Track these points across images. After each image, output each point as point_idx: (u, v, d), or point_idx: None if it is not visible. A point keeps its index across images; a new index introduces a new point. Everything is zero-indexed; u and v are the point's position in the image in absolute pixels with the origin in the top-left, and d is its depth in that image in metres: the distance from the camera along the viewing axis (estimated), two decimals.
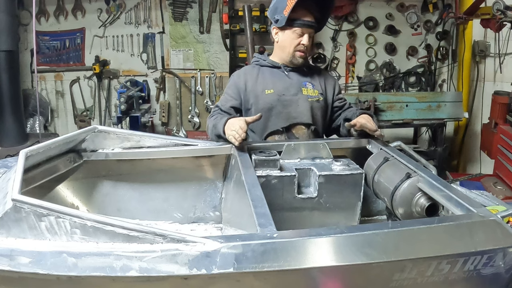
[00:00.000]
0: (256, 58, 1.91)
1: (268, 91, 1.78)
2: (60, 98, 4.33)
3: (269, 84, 1.80)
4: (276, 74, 1.83)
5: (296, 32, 1.74)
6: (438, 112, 3.52)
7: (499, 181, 3.03)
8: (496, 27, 3.01)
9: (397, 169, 1.42)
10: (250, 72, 1.86)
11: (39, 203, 0.99)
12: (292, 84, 1.81)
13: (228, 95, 1.84)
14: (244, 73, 1.86)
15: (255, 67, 1.87)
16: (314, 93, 1.82)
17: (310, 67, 1.91)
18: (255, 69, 1.86)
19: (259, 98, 1.79)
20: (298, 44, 1.75)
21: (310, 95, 1.81)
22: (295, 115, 1.79)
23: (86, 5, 4.10)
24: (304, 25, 1.73)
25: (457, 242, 1.00)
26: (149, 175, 1.66)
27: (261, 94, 1.79)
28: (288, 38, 1.77)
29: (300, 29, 1.74)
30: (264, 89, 1.79)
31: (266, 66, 1.85)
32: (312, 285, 0.98)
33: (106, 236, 0.97)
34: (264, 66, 1.86)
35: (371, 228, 1.03)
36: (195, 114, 4.31)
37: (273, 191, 1.40)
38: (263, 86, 1.80)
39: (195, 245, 0.95)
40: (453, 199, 1.16)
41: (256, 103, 1.79)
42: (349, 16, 4.09)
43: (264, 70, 1.84)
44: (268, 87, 1.79)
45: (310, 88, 1.82)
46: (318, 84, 1.85)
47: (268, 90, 1.78)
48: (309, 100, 1.80)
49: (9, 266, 0.93)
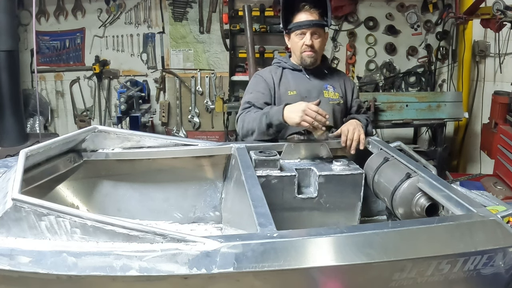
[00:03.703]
0: (277, 60, 1.91)
1: (291, 92, 1.79)
2: (60, 98, 4.34)
3: (292, 85, 1.80)
4: (297, 76, 1.83)
5: (297, 34, 1.76)
6: (438, 112, 3.52)
7: (499, 181, 3.03)
8: (496, 27, 3.01)
9: (397, 169, 1.42)
10: (274, 71, 1.86)
11: (39, 203, 0.99)
12: (314, 86, 1.81)
13: (259, 92, 1.80)
14: (270, 72, 1.86)
15: (278, 68, 1.87)
16: (335, 96, 1.82)
17: (331, 69, 1.92)
18: (279, 70, 1.86)
19: (282, 99, 1.78)
20: (302, 45, 1.76)
21: (331, 98, 1.81)
22: None
23: (86, 5, 4.11)
24: (302, 26, 1.74)
25: (457, 242, 1.00)
26: (149, 175, 1.66)
27: (284, 95, 1.79)
28: (293, 42, 1.80)
29: (299, 31, 1.75)
30: (287, 90, 1.79)
31: (287, 68, 1.85)
32: (312, 284, 0.98)
33: (106, 235, 0.97)
34: (285, 68, 1.86)
35: (371, 228, 1.03)
36: (195, 114, 4.31)
37: (273, 191, 1.40)
38: (286, 87, 1.80)
39: (195, 245, 0.95)
40: (453, 199, 1.16)
41: (279, 104, 1.78)
42: (349, 16, 4.09)
43: (286, 72, 1.85)
44: (291, 88, 1.80)
45: (331, 91, 1.82)
46: (338, 87, 1.86)
47: (291, 91, 1.79)
48: (330, 103, 1.80)
49: (9, 265, 0.93)
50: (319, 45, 1.78)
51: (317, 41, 1.76)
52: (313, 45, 1.75)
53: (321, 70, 1.85)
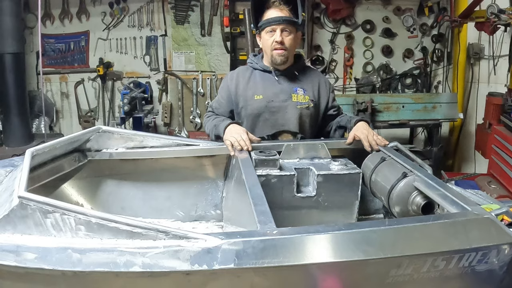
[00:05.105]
0: (250, 60, 1.87)
1: (257, 97, 1.75)
2: (65, 99, 4.37)
3: (259, 89, 1.76)
4: (267, 78, 1.78)
5: (268, 32, 1.70)
6: (433, 113, 3.54)
7: (493, 180, 3.03)
8: (490, 30, 3.03)
9: (393, 168, 1.43)
10: (243, 74, 1.82)
11: (45, 200, 1.00)
12: (283, 90, 1.75)
13: (221, 98, 1.84)
14: (237, 75, 1.83)
15: (249, 69, 1.84)
16: (304, 100, 1.75)
17: (304, 70, 1.84)
18: (248, 71, 1.82)
19: (248, 103, 1.76)
20: (272, 43, 1.69)
21: (299, 102, 1.75)
22: (282, 122, 1.75)
23: (90, 9, 4.14)
24: (272, 22, 1.67)
25: (452, 239, 1.01)
26: (152, 174, 1.68)
27: (251, 99, 1.76)
28: (264, 40, 1.74)
29: (269, 28, 1.68)
30: (254, 94, 1.76)
31: (258, 69, 1.81)
32: (310, 280, 0.99)
33: (110, 232, 0.98)
34: (256, 69, 1.82)
35: (368, 225, 1.04)
36: (197, 114, 4.34)
37: (273, 190, 1.41)
38: (253, 91, 1.77)
39: (197, 242, 0.96)
40: (448, 197, 1.17)
41: (245, 108, 1.78)
42: (347, 19, 4.13)
43: (256, 74, 1.80)
44: (258, 92, 1.76)
45: (300, 94, 1.75)
46: (310, 89, 1.79)
47: (258, 95, 1.75)
48: (298, 108, 1.75)
49: (15, 261, 0.94)
50: (290, 42, 1.69)
51: (288, 38, 1.68)
52: (283, 42, 1.68)
53: (292, 72, 1.78)
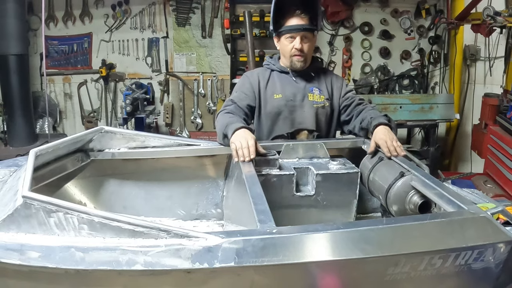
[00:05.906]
0: (267, 62, 1.92)
1: (276, 96, 1.80)
2: (68, 100, 4.41)
3: (278, 88, 1.81)
4: (284, 79, 1.84)
5: (287, 38, 1.76)
6: (430, 113, 3.56)
7: (489, 179, 3.06)
8: (486, 32, 3.05)
9: (391, 168, 1.44)
10: (262, 74, 1.87)
11: (48, 200, 1.01)
12: (299, 89, 1.81)
13: (243, 92, 1.82)
14: (258, 74, 1.87)
15: (267, 70, 1.88)
16: (320, 99, 1.81)
17: (318, 71, 1.90)
18: (267, 72, 1.87)
19: (267, 102, 1.80)
20: (292, 49, 1.76)
21: (315, 101, 1.80)
22: (300, 120, 1.80)
23: (93, 11, 4.18)
24: (292, 30, 1.73)
25: (448, 238, 1.02)
26: (153, 173, 1.69)
27: (270, 98, 1.81)
28: (283, 45, 1.80)
29: (289, 34, 1.75)
30: (273, 93, 1.81)
31: (275, 70, 1.86)
32: (309, 278, 1.00)
33: (112, 231, 0.99)
34: (274, 70, 1.87)
35: (366, 224, 1.05)
36: (198, 115, 4.37)
37: (273, 189, 1.42)
38: (272, 90, 1.81)
39: (198, 240, 0.97)
40: (445, 196, 1.18)
41: (264, 106, 1.81)
42: (345, 21, 4.17)
43: (274, 75, 1.86)
44: (277, 91, 1.81)
45: (316, 94, 1.81)
46: (325, 89, 1.85)
47: (277, 94, 1.80)
48: (314, 106, 1.80)
49: (19, 260, 0.95)
50: (308, 48, 1.78)
51: (307, 45, 1.76)
52: (303, 49, 1.75)
53: (308, 72, 1.84)
